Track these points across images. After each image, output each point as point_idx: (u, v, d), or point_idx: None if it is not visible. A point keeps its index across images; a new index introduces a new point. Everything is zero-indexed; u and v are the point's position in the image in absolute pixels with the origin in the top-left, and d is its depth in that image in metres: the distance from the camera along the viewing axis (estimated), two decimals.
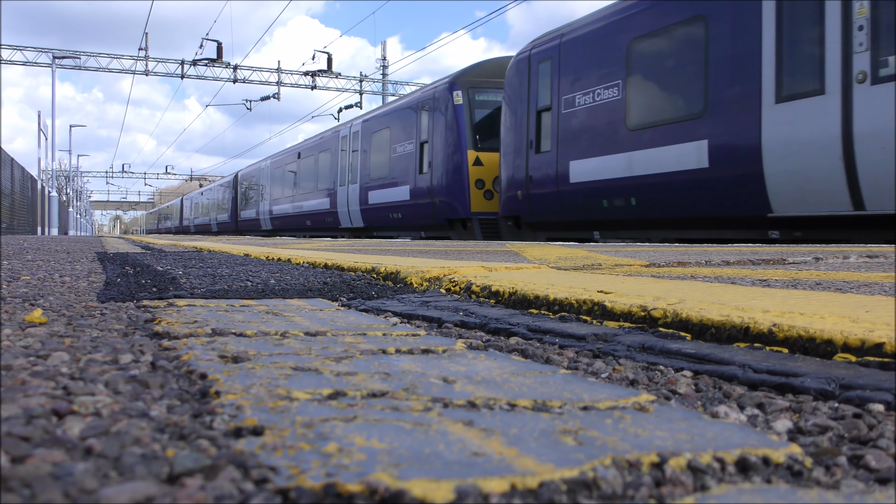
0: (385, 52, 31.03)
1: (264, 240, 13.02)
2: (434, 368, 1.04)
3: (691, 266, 3.09)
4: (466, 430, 0.71)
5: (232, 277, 2.88)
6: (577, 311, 1.66)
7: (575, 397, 0.87)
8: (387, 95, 29.51)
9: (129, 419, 0.72)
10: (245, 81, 28.23)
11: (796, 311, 1.35)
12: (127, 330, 1.40)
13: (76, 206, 52.22)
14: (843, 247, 5.01)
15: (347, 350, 1.17)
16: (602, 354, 1.23)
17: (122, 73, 27.34)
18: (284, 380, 0.92)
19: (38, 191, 27.69)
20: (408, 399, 0.84)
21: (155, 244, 8.83)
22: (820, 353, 1.12)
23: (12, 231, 20.04)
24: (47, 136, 30.34)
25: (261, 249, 5.69)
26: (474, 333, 1.50)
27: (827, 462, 0.68)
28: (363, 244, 7.97)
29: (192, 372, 0.97)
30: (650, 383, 1.02)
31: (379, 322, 1.58)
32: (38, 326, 1.40)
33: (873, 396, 0.87)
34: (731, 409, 0.86)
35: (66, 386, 0.86)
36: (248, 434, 0.68)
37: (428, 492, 0.53)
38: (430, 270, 2.62)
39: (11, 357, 1.03)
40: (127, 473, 0.57)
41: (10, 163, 20.14)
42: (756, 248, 5.14)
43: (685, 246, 6.21)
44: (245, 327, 1.43)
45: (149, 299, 1.99)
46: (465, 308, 1.87)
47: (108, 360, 1.05)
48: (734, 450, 0.66)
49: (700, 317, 1.35)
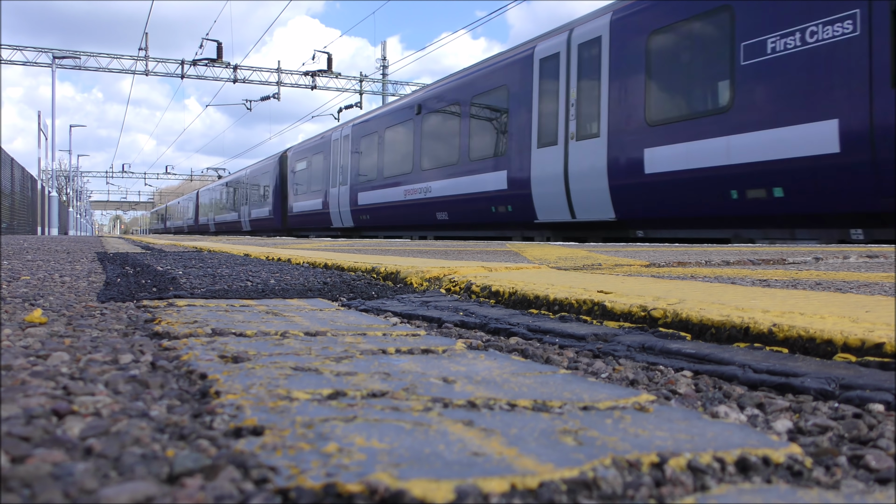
0: (385, 53, 31.06)
1: (264, 240, 13.01)
2: (434, 368, 1.04)
3: (691, 266, 3.09)
4: (466, 430, 0.71)
5: (232, 277, 2.88)
6: (577, 311, 1.66)
7: (575, 397, 0.87)
8: (387, 95, 29.53)
9: (129, 419, 0.72)
10: (245, 81, 28.23)
11: (796, 311, 1.35)
12: (127, 330, 1.40)
13: (76, 206, 52.23)
14: (843, 247, 5.01)
15: (347, 350, 1.17)
16: (602, 354, 1.23)
17: (122, 73, 27.36)
18: (284, 380, 0.92)
19: (38, 191, 27.70)
20: (408, 399, 0.84)
21: (155, 244, 8.83)
22: (820, 353, 1.12)
23: (12, 231, 20.05)
24: (47, 136, 30.36)
25: (261, 249, 5.70)
26: (474, 333, 1.50)
27: (827, 462, 0.68)
28: (363, 244, 7.97)
29: (192, 372, 0.97)
30: (650, 383, 1.02)
31: (379, 322, 1.58)
32: (38, 326, 1.40)
33: (873, 396, 0.87)
34: (731, 409, 0.86)
35: (66, 386, 0.86)
36: (248, 434, 0.68)
37: (428, 492, 0.53)
38: (430, 270, 2.62)
39: (11, 357, 1.03)
40: (127, 473, 0.57)
41: (11, 163, 20.15)
42: (756, 248, 5.14)
43: (685, 246, 6.23)
44: (245, 327, 1.43)
45: (149, 299, 1.99)
46: (465, 308, 1.87)
47: (108, 360, 1.05)
48: (734, 450, 0.66)
49: (700, 317, 1.35)
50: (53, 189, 31.38)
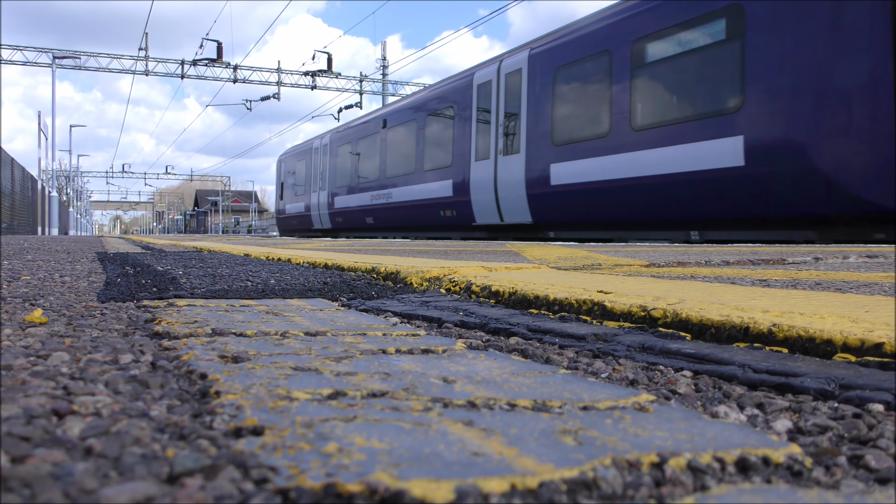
0: (385, 52, 31.04)
1: (265, 240, 13.05)
2: (434, 368, 1.04)
3: (691, 266, 3.09)
4: (466, 430, 0.71)
5: (232, 277, 2.88)
6: (577, 311, 1.66)
7: (575, 397, 0.87)
8: (387, 95, 29.52)
9: (129, 419, 0.72)
10: (245, 81, 28.23)
11: (796, 311, 1.35)
12: (127, 330, 1.40)
13: (76, 206, 52.18)
14: (843, 247, 5.01)
15: (347, 350, 1.17)
16: (602, 354, 1.23)
17: (122, 73, 27.35)
18: (284, 380, 0.92)
19: (39, 191, 27.69)
20: (408, 399, 0.84)
21: (155, 244, 8.83)
22: (820, 353, 1.12)
23: (12, 231, 20.04)
24: (47, 136, 30.32)
25: (261, 249, 5.69)
26: (474, 333, 1.50)
27: (827, 462, 0.68)
28: (363, 244, 7.97)
29: (192, 372, 0.97)
30: (650, 383, 1.02)
31: (379, 322, 1.58)
32: (39, 326, 1.40)
33: (873, 396, 0.87)
34: (730, 409, 0.86)
35: (66, 386, 0.86)
36: (248, 434, 0.68)
37: (428, 492, 0.53)
38: (430, 270, 2.62)
39: (11, 357, 1.03)
40: (127, 473, 0.57)
41: (11, 163, 20.14)
42: (756, 248, 5.14)
43: (685, 246, 6.24)
44: (245, 327, 1.43)
45: (149, 299, 1.99)
46: (465, 308, 1.87)
47: (108, 360, 1.05)
48: (734, 450, 0.66)
49: (700, 317, 1.35)
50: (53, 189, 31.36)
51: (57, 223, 30.51)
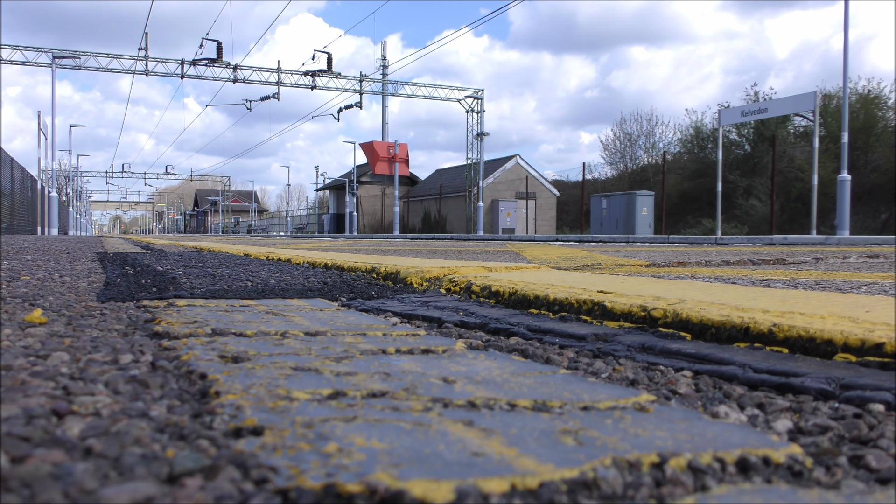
0: (385, 52, 31.07)
1: (264, 240, 13.05)
2: (434, 368, 1.04)
3: (691, 266, 3.09)
4: (466, 430, 0.70)
5: (232, 277, 2.88)
6: (577, 311, 1.66)
7: (575, 397, 0.87)
8: (386, 95, 29.51)
9: (129, 419, 0.72)
10: (245, 81, 28.22)
11: (796, 311, 1.35)
12: (127, 330, 1.40)
13: (76, 206, 52.12)
14: (843, 247, 5.00)
15: (347, 350, 1.17)
16: (602, 354, 1.23)
17: (121, 73, 27.35)
18: (284, 380, 0.92)
19: (38, 191, 27.67)
20: (408, 399, 0.84)
21: (154, 244, 8.82)
22: (820, 354, 1.12)
23: (12, 231, 20.03)
24: (47, 136, 30.28)
25: (261, 249, 5.69)
26: (474, 333, 1.50)
27: (827, 462, 0.67)
28: (363, 244, 7.96)
29: (192, 372, 0.97)
30: (650, 383, 1.02)
31: (379, 322, 1.58)
32: (38, 326, 1.40)
33: (873, 396, 0.87)
34: (731, 409, 0.86)
35: (66, 386, 0.86)
36: (248, 434, 0.68)
37: (428, 492, 0.53)
38: (430, 270, 2.62)
39: (11, 357, 1.03)
40: (127, 473, 0.57)
41: (10, 163, 20.14)
42: (756, 248, 5.13)
43: (685, 246, 6.22)
44: (245, 327, 1.43)
45: (149, 299, 1.98)
46: (465, 308, 1.86)
47: (108, 360, 1.05)
48: (734, 450, 0.66)
49: (700, 317, 1.35)
50: (53, 189, 31.33)
51: (56, 223, 30.50)
